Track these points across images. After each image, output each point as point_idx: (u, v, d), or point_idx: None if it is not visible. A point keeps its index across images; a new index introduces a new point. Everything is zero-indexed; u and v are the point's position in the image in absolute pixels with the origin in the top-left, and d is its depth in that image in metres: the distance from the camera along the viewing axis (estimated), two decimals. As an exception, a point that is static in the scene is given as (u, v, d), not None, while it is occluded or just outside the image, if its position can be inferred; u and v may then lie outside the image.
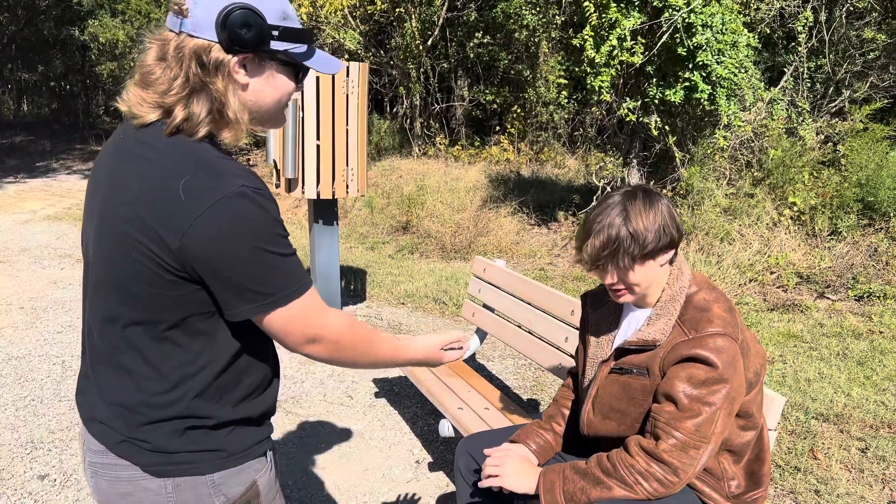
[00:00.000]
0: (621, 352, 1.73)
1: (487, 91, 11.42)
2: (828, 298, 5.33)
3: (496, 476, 1.76)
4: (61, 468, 2.97)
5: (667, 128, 6.54)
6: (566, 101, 9.75)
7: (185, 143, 1.13)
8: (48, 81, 18.19)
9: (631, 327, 1.78)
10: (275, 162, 4.14)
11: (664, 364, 1.64)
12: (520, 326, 3.09)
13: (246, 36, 1.10)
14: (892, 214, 5.96)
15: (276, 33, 1.14)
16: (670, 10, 5.72)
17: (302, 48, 1.20)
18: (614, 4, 5.83)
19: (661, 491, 1.62)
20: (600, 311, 1.88)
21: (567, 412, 2.01)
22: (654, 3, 5.88)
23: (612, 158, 8.20)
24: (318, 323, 1.20)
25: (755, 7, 8.40)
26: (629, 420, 1.72)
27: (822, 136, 7.29)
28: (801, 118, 7.15)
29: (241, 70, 1.15)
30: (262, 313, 1.14)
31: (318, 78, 3.86)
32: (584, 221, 1.72)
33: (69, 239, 7.05)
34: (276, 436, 3.28)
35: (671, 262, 1.72)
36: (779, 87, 7.49)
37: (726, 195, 6.65)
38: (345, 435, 3.32)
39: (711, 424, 1.59)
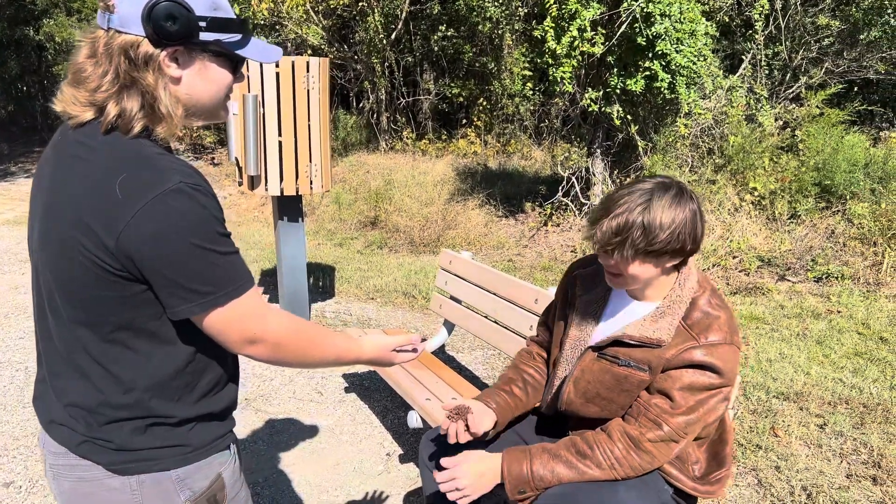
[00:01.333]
0: (616, 341, 1.71)
1: (453, 84, 11.43)
2: (788, 280, 5.46)
3: (458, 490, 1.70)
4: (27, 475, 2.93)
5: (629, 117, 6.61)
6: (531, 92, 9.80)
7: (122, 141, 1.12)
8: (3, 83, 17.73)
9: (625, 318, 1.76)
10: (237, 159, 4.11)
11: (668, 364, 1.64)
12: (486, 317, 3.12)
13: (171, 28, 1.09)
14: (848, 197, 6.12)
15: (204, 24, 1.13)
16: (629, 1, 5.79)
17: (235, 37, 1.18)
18: (574, -5, 5.87)
19: (632, 474, 1.67)
20: (591, 294, 1.85)
21: (528, 379, 1.99)
22: (614, -6, 5.94)
23: (577, 149, 8.27)
24: (257, 324, 1.18)
25: (713, -4, 8.52)
26: (614, 407, 1.74)
27: (781, 122, 7.45)
28: (760, 105, 7.29)
29: (173, 63, 1.14)
30: (200, 312, 1.13)
31: (277, 74, 3.83)
32: (606, 198, 1.66)
33: (30, 243, 6.92)
34: (245, 433, 3.27)
35: (678, 268, 1.70)
36: (737, 74, 7.62)
37: (689, 182, 6.75)
38: (315, 430, 3.32)
39: (699, 423, 1.65)
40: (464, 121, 11.57)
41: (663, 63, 5.92)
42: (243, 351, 1.20)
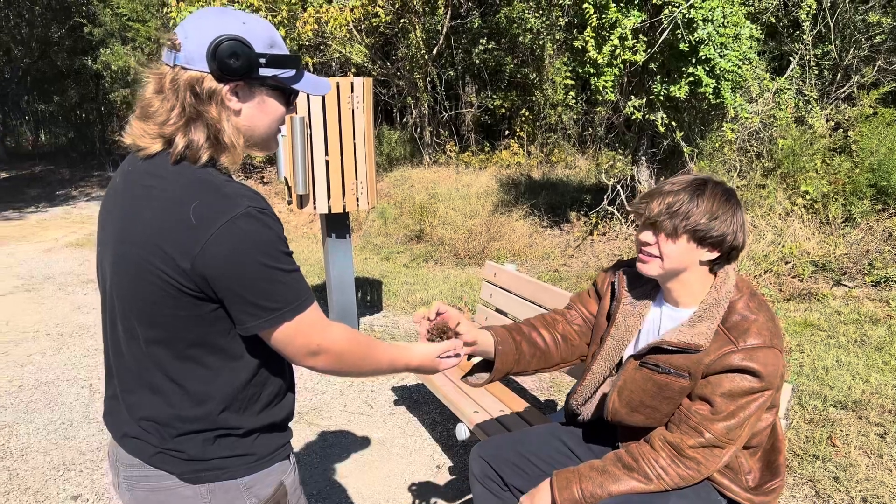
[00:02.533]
0: (656, 349, 1.72)
1: (495, 96, 11.48)
2: (844, 286, 5.31)
3: None
4: (93, 488, 3.06)
5: (673, 123, 6.55)
6: (574, 101, 9.77)
7: (191, 170, 1.20)
8: (64, 111, 18.52)
9: (663, 324, 1.77)
10: (286, 179, 4.22)
11: (708, 370, 1.64)
12: (532, 328, 3.13)
13: (234, 65, 1.17)
14: (905, 198, 5.93)
15: (263, 61, 1.21)
16: (670, 7, 5.75)
17: (290, 73, 1.26)
18: (614, 4, 5.86)
19: (682, 484, 1.67)
20: (636, 294, 1.85)
21: (537, 341, 1.93)
22: (654, 1, 5.91)
23: (621, 156, 8.22)
24: (320, 337, 1.26)
25: (758, -3, 8.39)
26: (659, 415, 1.74)
27: (832, 123, 7.26)
28: (810, 106, 7.13)
29: (234, 97, 1.21)
30: (269, 327, 1.20)
31: (323, 96, 3.94)
32: (662, 181, 1.73)
33: (91, 265, 7.19)
34: (298, 446, 3.34)
35: (712, 269, 1.70)
36: (785, 76, 7.47)
37: (737, 187, 6.64)
38: (366, 443, 3.38)
39: (741, 429, 1.63)
40: (506, 132, 11.60)
41: (707, 68, 5.86)
42: (306, 363, 1.27)
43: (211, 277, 1.15)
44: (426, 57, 10.91)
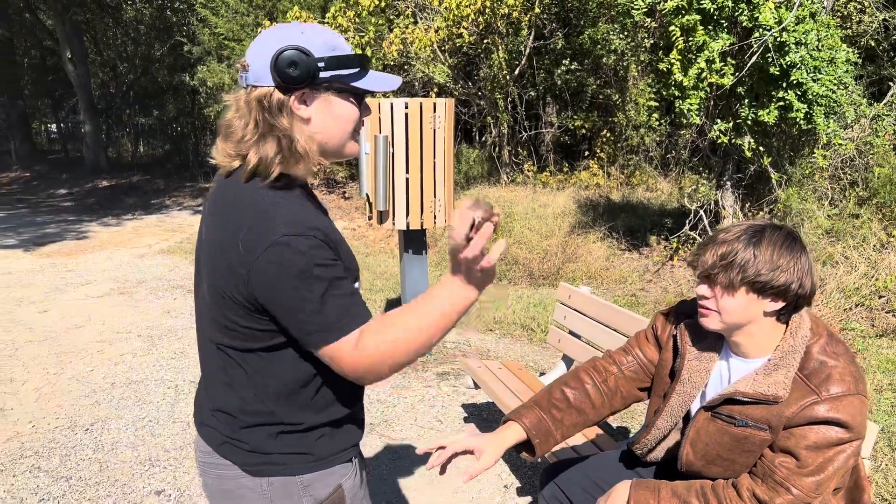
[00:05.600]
0: (729, 399, 1.64)
1: (576, 116, 11.43)
2: (944, 324, 5.00)
3: None
4: (176, 484, 3.21)
5: (761, 149, 6.36)
6: (657, 123, 9.62)
7: (251, 193, 1.26)
8: (162, 125, 19.56)
9: (735, 374, 1.69)
10: (367, 196, 4.34)
11: (790, 422, 1.56)
12: (606, 353, 3.10)
13: (294, 73, 1.21)
14: None
15: (322, 64, 1.24)
16: (761, 31, 5.61)
17: (352, 71, 1.28)
18: (701, 28, 5.77)
19: None
20: (700, 346, 1.77)
21: (588, 408, 1.84)
22: (744, 24, 5.78)
23: (705, 181, 8.02)
24: (355, 362, 1.23)
25: (857, 20, 8.07)
26: (737, 468, 1.67)
27: (935, 151, 6.88)
28: (910, 133, 6.78)
29: (302, 105, 1.26)
30: (313, 349, 1.25)
31: (406, 115, 4.04)
32: (716, 231, 1.67)
33: (181, 271, 7.56)
34: (368, 457, 3.41)
35: (779, 317, 1.61)
36: (884, 101, 7.13)
37: (828, 216, 6.37)
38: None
39: (830, 482, 1.55)
40: (586, 153, 11.51)
41: (799, 93, 5.67)
42: (360, 382, 1.29)
43: (259, 299, 1.22)
44: (507, 77, 10.98)
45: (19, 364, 4.80)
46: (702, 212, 6.91)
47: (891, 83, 7.59)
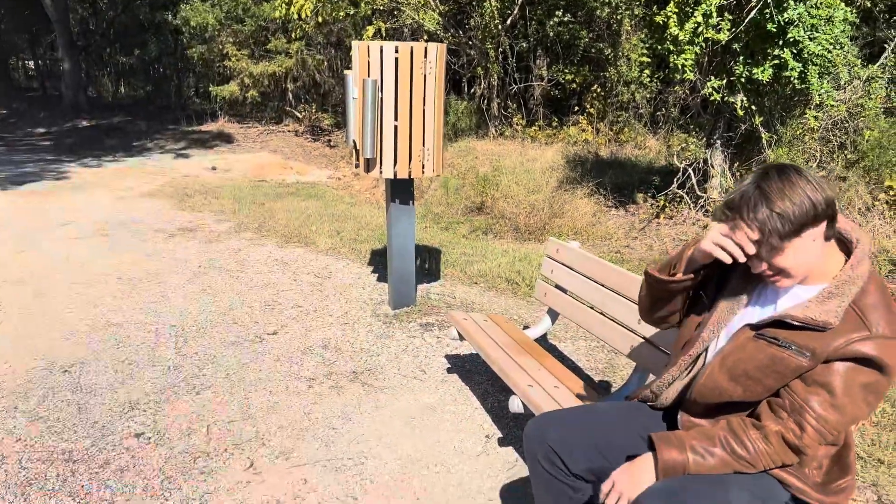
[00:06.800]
0: (777, 322, 1.63)
1: (567, 70, 11.25)
2: (924, 288, 5.05)
3: (625, 501, 1.68)
4: (156, 428, 3.19)
5: (753, 107, 6.30)
6: (648, 80, 9.49)
7: None
8: (143, 64, 19.06)
9: (786, 301, 1.67)
10: (354, 142, 4.24)
11: (834, 354, 1.55)
12: (592, 308, 3.09)
13: None
14: None
15: None
16: (760, -15, 5.49)
17: None
18: (700, -21, 5.63)
19: (772, 465, 1.64)
20: (743, 268, 1.73)
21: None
22: (743, -22, 5.66)
23: (694, 139, 7.96)
24: None
25: (855, -21, 7.93)
26: (760, 389, 1.66)
27: (925, 116, 6.86)
28: (902, 97, 6.74)
29: None
30: None
31: (396, 59, 3.92)
32: (720, 210, 1.64)
33: (162, 215, 7.44)
34: (352, 405, 3.41)
35: (828, 237, 1.60)
36: (878, 63, 7.07)
37: (816, 178, 6.36)
38: (417, 407, 3.41)
39: (857, 423, 1.57)
40: (576, 108, 11.39)
41: (795, 51, 5.59)
42: None
43: None
44: (499, 27, 10.75)
45: (-4, 304, 4.72)
46: (690, 170, 6.88)
47: (885, 45, 7.51)
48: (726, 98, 6.27)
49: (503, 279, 5.38)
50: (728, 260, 1.62)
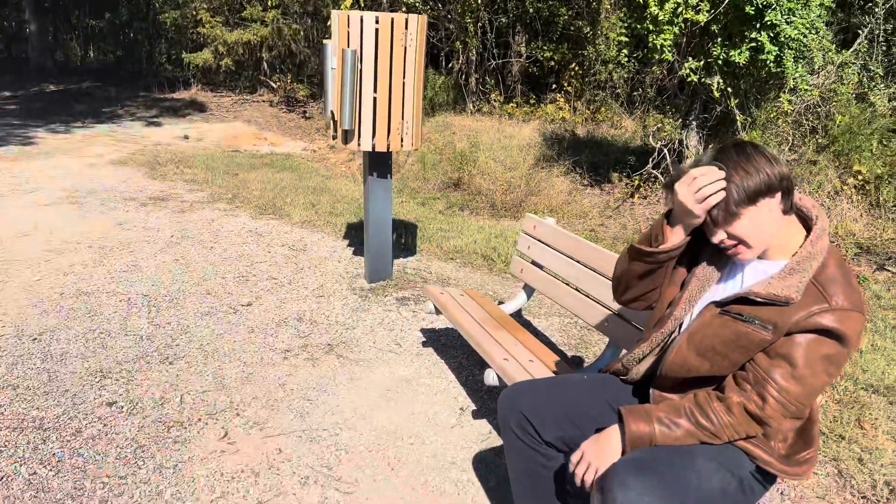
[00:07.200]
0: (742, 299, 1.68)
1: (545, 47, 11.22)
2: (888, 270, 5.19)
3: (593, 471, 1.71)
4: (128, 397, 3.17)
5: (729, 90, 6.36)
6: (626, 59, 9.50)
7: None
8: (114, 29, 18.57)
9: (750, 277, 1.73)
10: (332, 113, 4.20)
11: (795, 326, 1.60)
12: (567, 284, 3.12)
13: None
14: (964, 187, 5.73)
15: None
16: (740, -33, 5.51)
17: None
18: (681, -41, 5.64)
19: (736, 437, 1.69)
20: (712, 248, 1.80)
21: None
22: (724, -41, 5.67)
23: (670, 120, 8.02)
24: None
25: (832, -36, 7.99)
26: (726, 364, 1.71)
27: (895, 104, 6.99)
28: (874, 83, 6.85)
29: None
30: None
31: (377, 30, 3.88)
32: (678, 174, 1.71)
33: (133, 183, 7.31)
34: (327, 377, 3.42)
35: (785, 210, 1.65)
36: (851, 49, 7.17)
37: (788, 161, 6.46)
38: (392, 380, 3.44)
39: (817, 394, 1.61)
40: (553, 85, 11.37)
41: (771, 34, 5.64)
42: None
43: None
44: (479, 1, 10.66)
45: (-38, 270, 4.62)
46: (665, 151, 6.93)
47: (859, 31, 7.61)
48: (703, 79, 6.32)
49: (479, 255, 5.40)
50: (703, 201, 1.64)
